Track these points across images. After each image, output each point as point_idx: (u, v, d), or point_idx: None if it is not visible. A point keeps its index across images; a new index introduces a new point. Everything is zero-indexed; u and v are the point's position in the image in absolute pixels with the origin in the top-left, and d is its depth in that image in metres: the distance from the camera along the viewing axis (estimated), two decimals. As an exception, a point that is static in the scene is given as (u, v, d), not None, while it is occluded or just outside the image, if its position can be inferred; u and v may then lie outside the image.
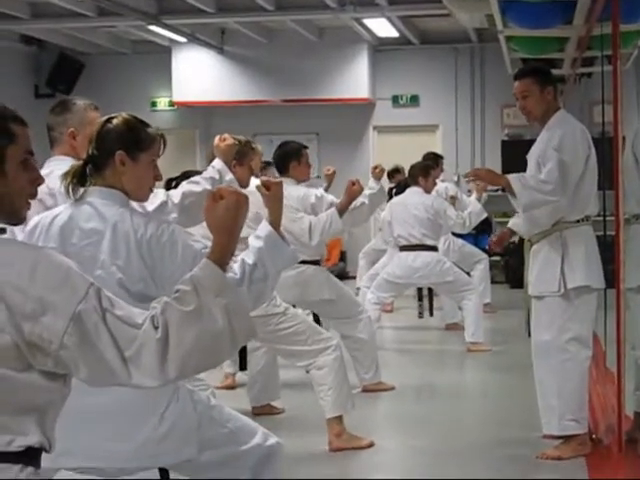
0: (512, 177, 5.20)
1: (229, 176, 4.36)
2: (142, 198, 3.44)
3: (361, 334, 6.93)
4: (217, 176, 4.30)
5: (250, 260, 3.38)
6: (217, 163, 4.39)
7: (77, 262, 2.27)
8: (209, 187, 4.22)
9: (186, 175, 5.22)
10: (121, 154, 3.29)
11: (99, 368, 2.17)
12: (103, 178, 3.30)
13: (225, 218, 2.55)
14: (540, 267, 5.29)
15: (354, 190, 5.96)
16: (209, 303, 2.26)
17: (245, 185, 5.88)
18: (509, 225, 6.70)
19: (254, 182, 6.37)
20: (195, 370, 2.30)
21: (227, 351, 2.33)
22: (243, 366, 6.30)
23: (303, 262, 6.46)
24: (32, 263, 2.15)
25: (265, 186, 3.57)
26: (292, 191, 6.65)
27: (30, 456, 2.17)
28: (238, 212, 2.58)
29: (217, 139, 4.58)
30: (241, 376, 7.21)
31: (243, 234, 5.65)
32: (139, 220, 3.24)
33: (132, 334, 2.17)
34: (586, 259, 5.20)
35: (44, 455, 2.25)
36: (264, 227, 3.50)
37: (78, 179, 3.29)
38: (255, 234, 3.52)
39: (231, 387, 7.31)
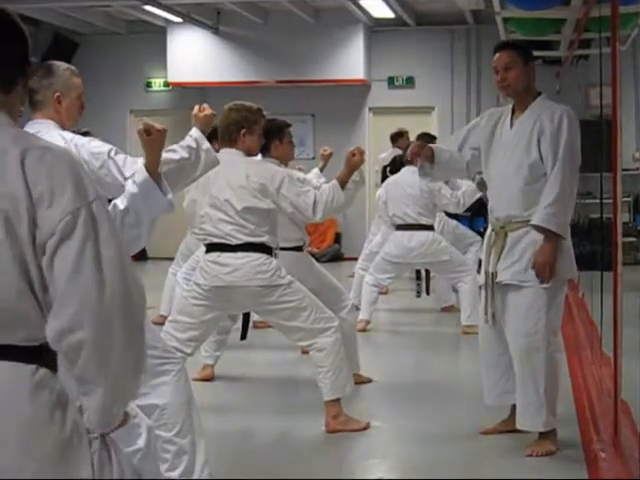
0: (547, 225, 4.93)
1: (206, 145, 4.29)
2: None
3: (343, 322, 6.58)
4: (194, 144, 4.23)
5: (122, 205, 3.43)
6: (194, 132, 4.32)
7: None
8: (186, 155, 4.16)
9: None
10: None
11: None
12: None
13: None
14: (523, 255, 5.08)
15: (355, 161, 5.72)
16: None
17: (255, 153, 5.82)
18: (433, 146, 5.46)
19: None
20: None
21: None
22: (244, 335, 6.19)
23: (283, 249, 6.34)
24: None
25: (146, 131, 3.70)
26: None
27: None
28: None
29: (196, 109, 4.50)
30: (219, 367, 7.15)
31: (249, 204, 5.73)
32: None
33: None
34: (570, 251, 5.14)
35: None
36: (140, 173, 3.62)
37: None
38: (132, 179, 3.59)
39: (209, 379, 7.05)
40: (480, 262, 5.42)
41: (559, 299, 5.19)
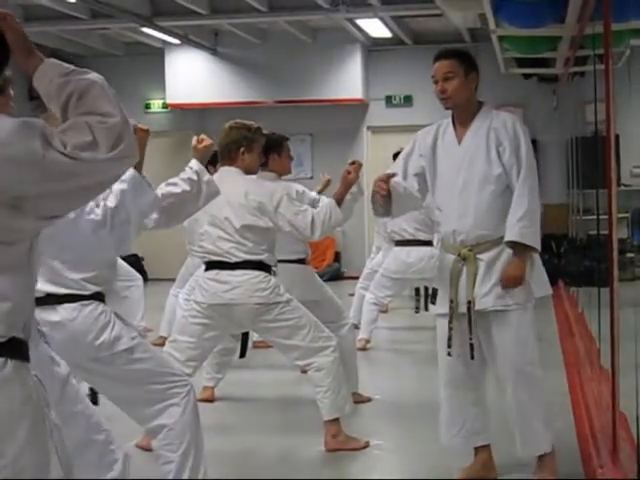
0: (524, 239, 4.69)
1: (207, 176, 4.37)
2: None
3: (343, 340, 6.41)
4: (195, 177, 4.32)
5: (112, 203, 3.50)
6: (194, 164, 4.39)
7: None
8: (188, 188, 4.27)
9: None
10: None
11: None
12: None
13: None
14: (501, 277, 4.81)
15: (350, 179, 5.64)
16: None
17: (254, 171, 5.87)
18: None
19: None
20: None
21: None
22: (243, 353, 6.20)
23: (287, 261, 6.38)
24: None
25: None
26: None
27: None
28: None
29: (195, 140, 4.59)
30: (219, 387, 7.15)
31: (247, 222, 5.74)
32: None
33: None
34: (541, 266, 4.97)
35: None
36: (127, 171, 3.71)
37: None
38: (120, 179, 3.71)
39: (209, 400, 6.97)
40: (435, 292, 5.03)
41: (536, 319, 4.98)
